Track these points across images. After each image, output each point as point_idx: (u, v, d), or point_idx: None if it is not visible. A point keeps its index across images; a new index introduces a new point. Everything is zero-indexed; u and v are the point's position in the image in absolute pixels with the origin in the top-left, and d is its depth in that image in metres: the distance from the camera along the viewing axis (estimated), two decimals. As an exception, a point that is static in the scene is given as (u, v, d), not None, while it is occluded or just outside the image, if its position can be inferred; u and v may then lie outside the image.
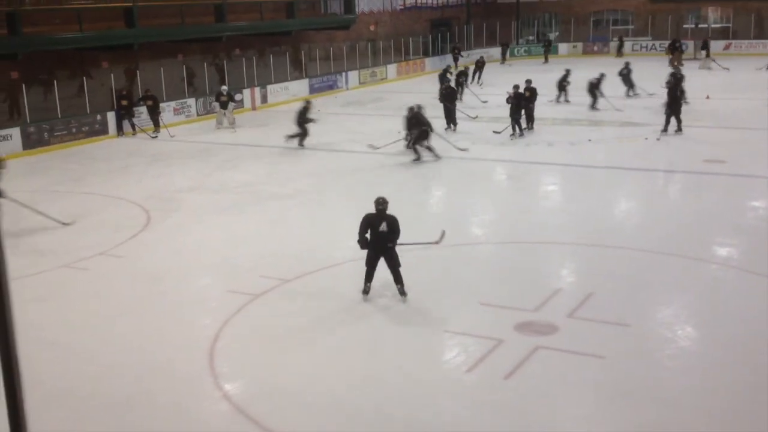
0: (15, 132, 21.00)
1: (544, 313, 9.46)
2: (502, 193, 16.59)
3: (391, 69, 37.25)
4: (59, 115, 22.42)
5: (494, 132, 21.57)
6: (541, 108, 22.65)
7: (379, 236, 9.83)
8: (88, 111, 23.34)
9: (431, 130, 18.99)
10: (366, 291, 10.06)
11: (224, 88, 25.15)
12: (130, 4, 24.93)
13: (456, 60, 39.01)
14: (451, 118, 22.52)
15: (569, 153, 19.20)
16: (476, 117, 24.09)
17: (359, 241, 9.93)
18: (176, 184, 17.39)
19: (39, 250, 12.67)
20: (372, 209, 10.02)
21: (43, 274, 11.45)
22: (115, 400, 7.82)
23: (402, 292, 9.93)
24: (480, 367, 8.10)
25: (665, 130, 20.60)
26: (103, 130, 23.40)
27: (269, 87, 30.02)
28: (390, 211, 10.21)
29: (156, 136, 23.49)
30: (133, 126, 23.77)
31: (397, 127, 23.31)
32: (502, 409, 7.40)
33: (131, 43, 25.36)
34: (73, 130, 22.58)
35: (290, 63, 31.75)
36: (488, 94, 28.97)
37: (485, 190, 16.53)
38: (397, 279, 9.94)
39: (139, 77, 25.63)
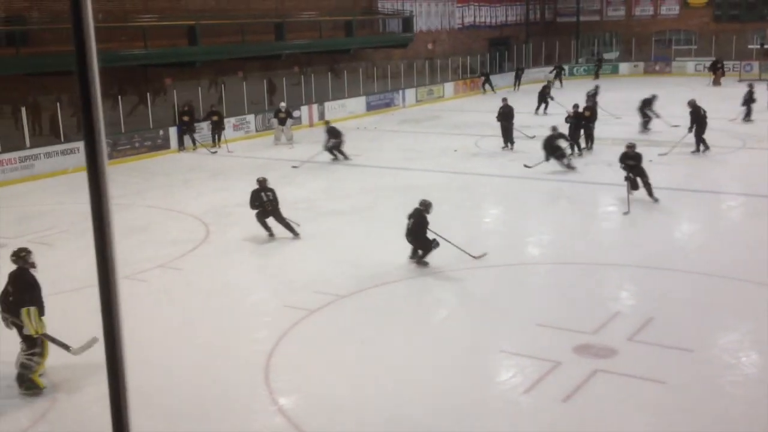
0: (81, 146, 21.55)
1: (602, 336, 9.27)
2: (560, 214, 16.35)
3: (448, 87, 37.27)
4: (123, 130, 22.99)
5: (553, 151, 21.33)
6: (601, 128, 22.34)
7: (406, 229, 11.96)
8: (151, 126, 23.91)
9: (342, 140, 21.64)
10: (411, 257, 12.10)
11: (283, 104, 25.49)
12: (193, 22, 25.54)
13: (518, 79, 38.97)
14: (508, 137, 22.39)
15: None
16: (533, 137, 23.87)
17: None
18: (235, 198, 17.58)
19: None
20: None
21: (104, 284, 11.69)
22: (170, 412, 7.91)
23: (421, 263, 11.88)
24: (537, 389, 7.97)
25: (697, 149, 20.63)
26: (164, 145, 23.93)
27: (327, 104, 30.31)
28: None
29: (216, 152, 23.90)
30: (194, 141, 24.25)
31: (452, 145, 23.35)
32: (560, 431, 7.26)
33: (194, 60, 25.95)
34: (136, 144, 23.14)
35: (348, 80, 32.03)
36: (547, 113, 28.76)
37: (543, 209, 16.33)
38: (422, 255, 11.92)
39: (200, 93, 26.15)
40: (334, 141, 21.59)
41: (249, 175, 20.30)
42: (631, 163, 15.90)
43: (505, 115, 22.38)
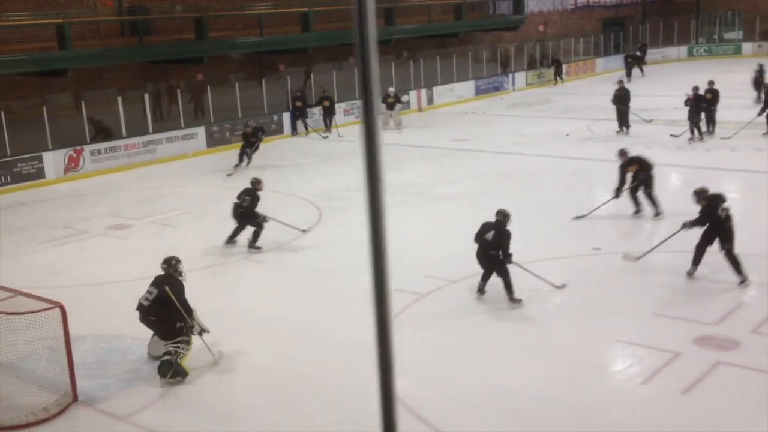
0: (200, 131, 22.46)
1: (725, 327, 8.93)
2: (678, 200, 15.76)
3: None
4: (239, 115, 23.71)
5: (671, 135, 20.63)
6: (724, 111, 21.35)
7: (484, 243, 10.13)
8: (266, 111, 24.53)
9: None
10: (479, 290, 10.31)
11: (391, 89, 25.64)
12: (306, 9, 25.98)
13: (630, 68, 35.25)
14: (623, 120, 21.75)
15: (754, 159, 18.01)
16: (651, 120, 23.12)
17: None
18: (345, 183, 17.87)
19: (221, 243, 13.41)
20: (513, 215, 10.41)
21: (226, 264, 12.15)
22: (283, 388, 8.15)
23: (512, 300, 10.02)
24: (655, 380, 7.77)
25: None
26: (278, 130, 24.52)
27: (435, 89, 30.26)
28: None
29: (327, 137, 24.31)
30: (306, 126, 24.75)
31: (565, 130, 22.89)
32: (679, 424, 7.05)
33: (306, 46, 26.43)
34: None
35: (456, 64, 31.86)
36: (665, 96, 27.73)
37: (660, 196, 15.78)
38: (506, 287, 10.06)
39: (312, 79, 26.62)
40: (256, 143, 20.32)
41: (359, 160, 20.51)
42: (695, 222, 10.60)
43: (621, 99, 21.75)
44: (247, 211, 12.72)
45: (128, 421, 7.59)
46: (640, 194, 13.94)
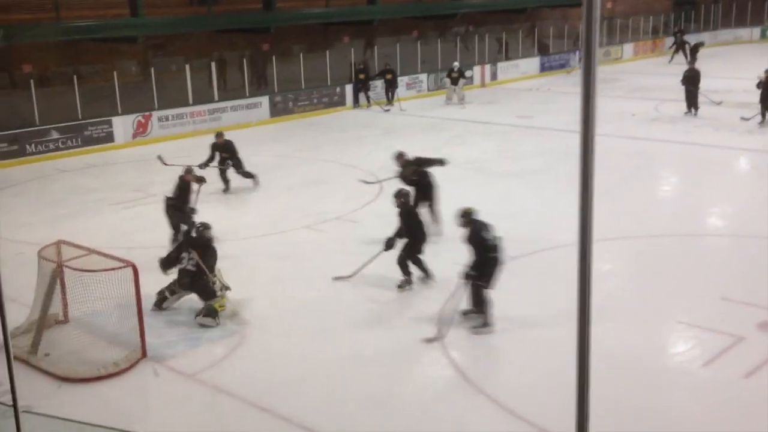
0: (264, 100, 22.74)
1: (791, 314, 8.77)
2: (747, 184, 15.44)
3: (627, 48, 35.75)
4: (303, 86, 23.91)
5: (742, 118, 20.11)
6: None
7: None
8: (329, 83, 24.68)
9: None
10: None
11: (456, 64, 25.51)
12: (374, -19, 26.01)
13: (692, 52, 31.55)
14: (692, 102, 21.27)
15: (828, 144, 17.45)
16: (720, 102, 22.55)
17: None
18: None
19: (283, 212, 13.66)
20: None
21: (287, 233, 12.36)
22: (341, 355, 8.31)
23: (401, 286, 9.99)
24: (717, 363, 7.70)
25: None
26: (340, 102, 24.67)
27: (499, 64, 29.97)
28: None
29: (389, 110, 24.36)
30: (368, 99, 24.83)
31: (630, 109, 22.49)
32: (739, 408, 6.99)
33: (372, 19, 26.44)
34: (314, 100, 24.03)
35: (522, 40, 31.47)
36: (736, 78, 26.96)
37: (727, 179, 15.48)
38: (423, 272, 10.18)
39: (376, 52, 26.64)
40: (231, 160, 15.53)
41: (420, 133, 20.60)
42: None
43: (691, 79, 21.25)
44: (174, 206, 11.55)
45: (195, 379, 7.85)
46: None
